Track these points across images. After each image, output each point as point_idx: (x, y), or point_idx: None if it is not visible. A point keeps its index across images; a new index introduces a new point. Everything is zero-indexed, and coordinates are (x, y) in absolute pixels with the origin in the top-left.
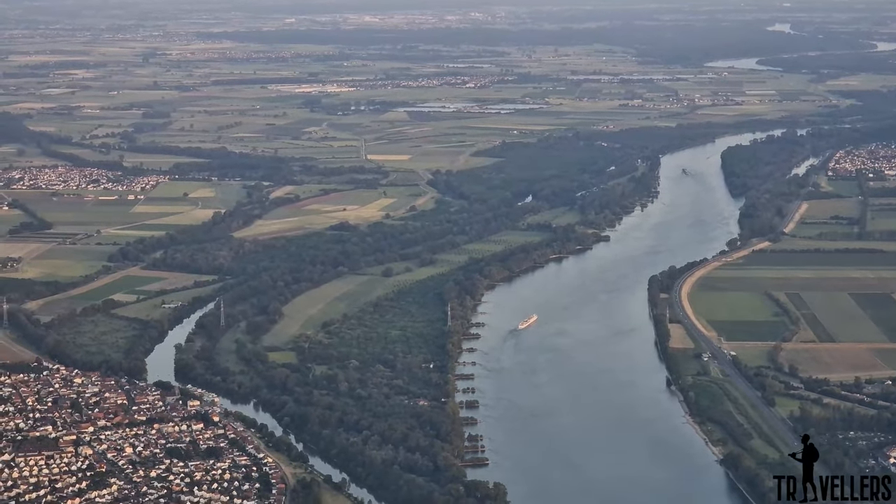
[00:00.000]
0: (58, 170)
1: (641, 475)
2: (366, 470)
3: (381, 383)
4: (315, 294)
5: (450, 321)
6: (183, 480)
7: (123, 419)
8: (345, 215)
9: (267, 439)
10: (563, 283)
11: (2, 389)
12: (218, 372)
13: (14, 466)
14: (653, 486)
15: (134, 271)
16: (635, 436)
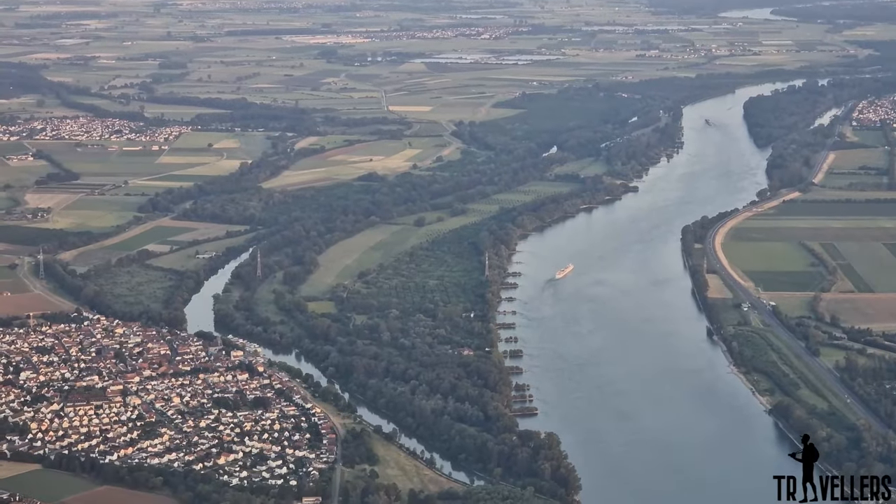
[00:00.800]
0: (79, 120)
1: (691, 424)
2: (416, 420)
3: (424, 333)
4: (349, 244)
5: (487, 270)
6: (233, 430)
7: (168, 369)
8: (371, 166)
9: (313, 389)
10: (596, 233)
11: (44, 340)
12: (258, 322)
13: (64, 416)
14: (703, 435)
15: (164, 222)
16: (681, 385)
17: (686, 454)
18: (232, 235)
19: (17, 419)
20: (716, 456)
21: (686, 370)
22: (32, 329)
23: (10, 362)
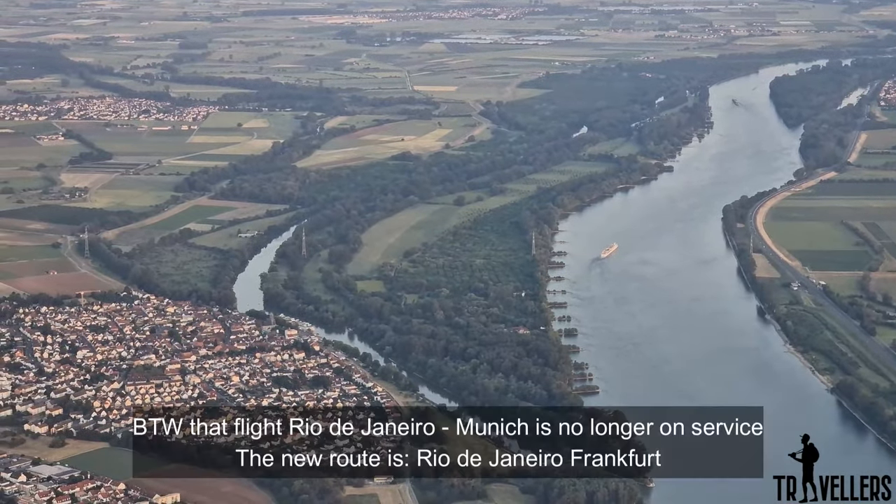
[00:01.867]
0: (105, 100)
1: (754, 403)
2: (479, 398)
3: (478, 311)
4: (390, 223)
5: (534, 250)
6: (296, 409)
7: (224, 348)
8: (404, 145)
9: (371, 368)
10: (635, 213)
11: (97, 319)
12: (309, 301)
13: (126, 394)
14: (768, 414)
15: (202, 201)
16: (739, 364)
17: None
18: (272, 215)
19: (80, 398)
20: (784, 435)
21: (742, 349)
22: (83, 308)
23: (66, 341)
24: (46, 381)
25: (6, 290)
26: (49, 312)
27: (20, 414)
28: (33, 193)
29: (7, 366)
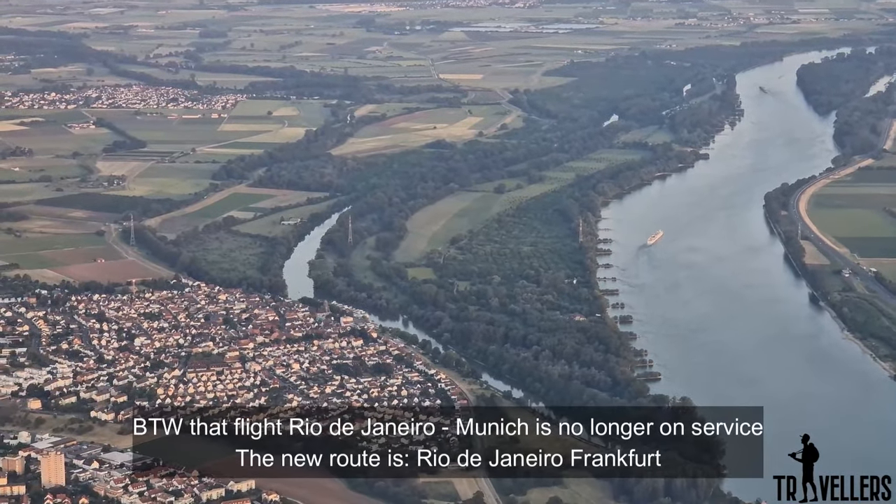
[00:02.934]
0: (133, 89)
1: (818, 390)
2: (544, 385)
3: (532, 299)
4: (432, 210)
5: (581, 237)
6: (360, 396)
7: (280, 336)
8: (436, 133)
9: (432, 356)
10: (676, 200)
11: (150, 306)
12: (361, 288)
13: (188, 382)
14: (832, 400)
15: (241, 189)
16: (798, 350)
17: (820, 421)
18: (313, 202)
19: (143, 385)
20: (851, 422)
21: (799, 336)
22: (135, 296)
23: (122, 328)
24: (107, 369)
25: (56, 277)
26: (101, 300)
27: (85, 401)
28: (71, 181)
29: (66, 353)
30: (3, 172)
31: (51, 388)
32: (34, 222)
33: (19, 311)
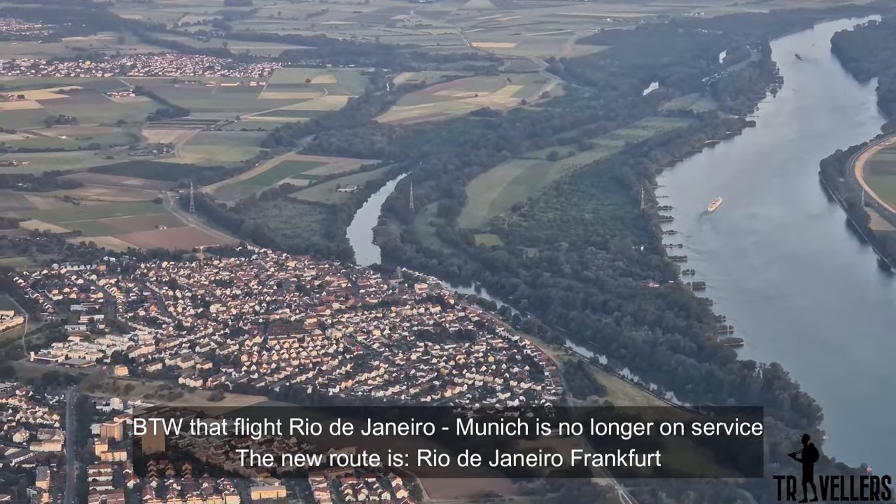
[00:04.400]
0: (166, 57)
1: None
2: (629, 352)
3: (604, 265)
4: (487, 178)
5: (643, 204)
6: (447, 363)
7: (356, 302)
8: (478, 101)
9: (512, 322)
10: (729, 168)
11: (219, 274)
12: (430, 255)
13: (270, 349)
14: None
15: (291, 156)
16: (877, 316)
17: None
18: (366, 169)
19: (226, 352)
20: None
21: (876, 302)
22: (203, 263)
23: (196, 296)
24: (187, 336)
25: (121, 245)
26: (170, 267)
27: (171, 368)
28: (121, 149)
29: (144, 320)
30: (51, 140)
31: (134, 354)
32: (90, 190)
33: (90, 279)
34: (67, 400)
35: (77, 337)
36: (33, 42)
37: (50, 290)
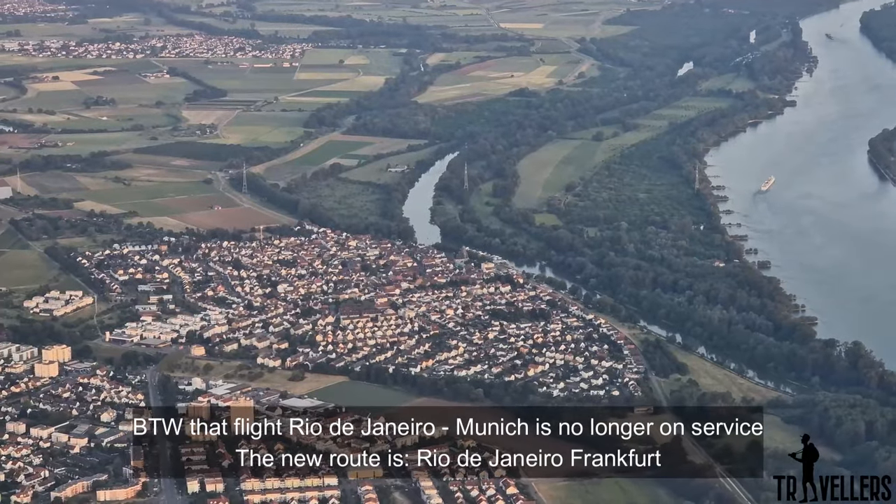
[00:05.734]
0: (195, 38)
1: None
2: (705, 330)
3: (667, 244)
4: (535, 158)
5: (697, 184)
6: (525, 342)
7: (424, 282)
8: (515, 81)
9: (584, 301)
10: (775, 147)
11: (281, 253)
12: (492, 234)
13: (345, 329)
14: None
15: (335, 136)
16: None
17: None
18: (414, 149)
19: (300, 332)
20: None
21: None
22: (263, 242)
23: (261, 275)
24: (258, 316)
25: (177, 225)
26: (231, 247)
27: (247, 348)
28: (163, 130)
29: (213, 300)
30: (92, 122)
31: (209, 334)
32: (138, 170)
33: (153, 259)
34: (149, 379)
35: (149, 317)
36: (59, 23)
37: (115, 271)
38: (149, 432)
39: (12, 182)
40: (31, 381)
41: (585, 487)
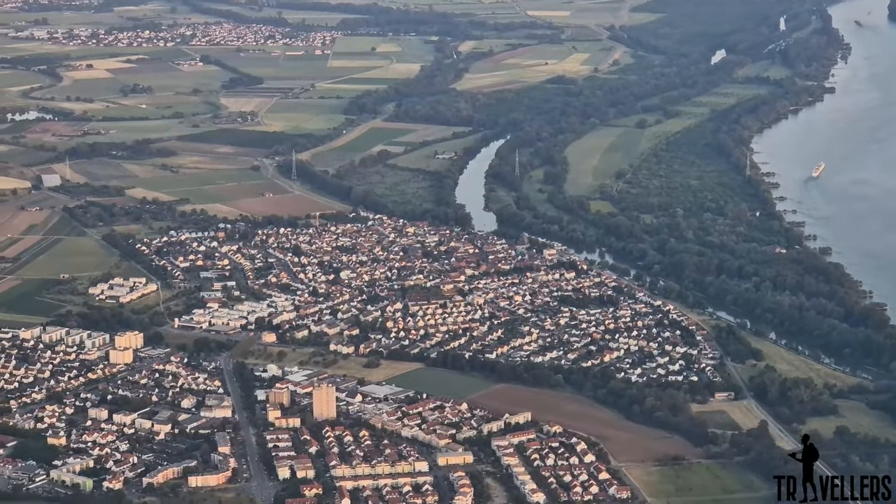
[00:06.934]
0: (223, 26)
1: None
2: (776, 316)
3: (725, 231)
4: (581, 145)
5: (749, 170)
6: (596, 328)
7: (488, 268)
8: (550, 69)
9: (649, 287)
10: (820, 134)
11: (339, 240)
12: (549, 221)
13: (415, 315)
14: None
15: (377, 123)
16: None
17: None
18: (458, 136)
19: (369, 318)
20: None
21: None
22: (319, 229)
23: (322, 262)
24: (325, 302)
25: (230, 212)
26: (288, 234)
27: (318, 334)
28: (204, 118)
29: (277, 287)
30: (132, 110)
31: (278, 321)
32: (184, 158)
33: (212, 246)
34: (223, 366)
35: (215, 304)
36: (85, 12)
37: (175, 257)
38: (231, 418)
39: (60, 170)
40: (108, 368)
41: (676, 472)
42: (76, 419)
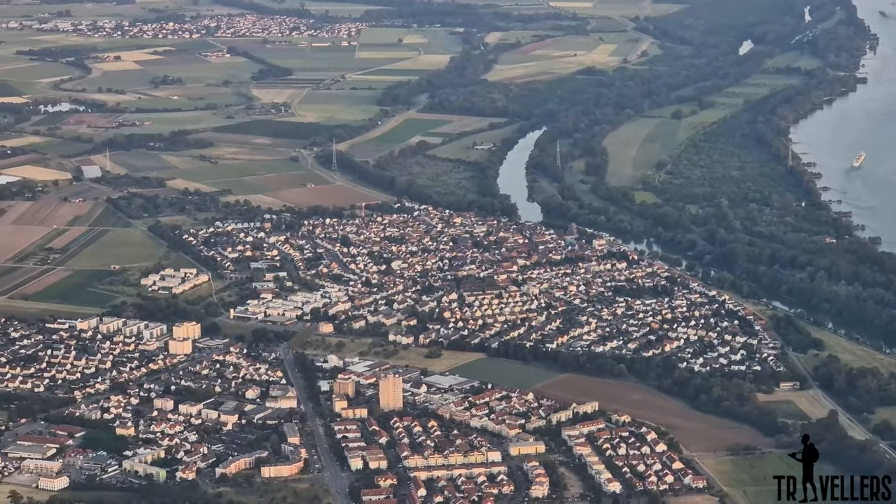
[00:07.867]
0: (247, 18)
1: None
2: (833, 306)
3: (773, 221)
4: (618, 136)
5: (790, 160)
6: (654, 318)
7: (539, 258)
8: (580, 60)
9: (702, 277)
10: (856, 123)
11: (387, 230)
12: (595, 211)
13: (471, 305)
14: None
15: (412, 114)
16: None
17: None
18: (495, 127)
19: (426, 308)
20: None
21: None
22: (365, 219)
23: (372, 252)
24: (380, 293)
25: (274, 202)
26: (335, 224)
27: (375, 325)
28: (237, 109)
29: (329, 277)
30: (164, 101)
31: (333, 311)
32: (221, 149)
33: (259, 237)
34: (283, 356)
35: (268, 294)
36: (107, 3)
37: (223, 248)
38: (297, 409)
39: (100, 161)
40: (168, 359)
41: (749, 462)
42: (142, 409)
